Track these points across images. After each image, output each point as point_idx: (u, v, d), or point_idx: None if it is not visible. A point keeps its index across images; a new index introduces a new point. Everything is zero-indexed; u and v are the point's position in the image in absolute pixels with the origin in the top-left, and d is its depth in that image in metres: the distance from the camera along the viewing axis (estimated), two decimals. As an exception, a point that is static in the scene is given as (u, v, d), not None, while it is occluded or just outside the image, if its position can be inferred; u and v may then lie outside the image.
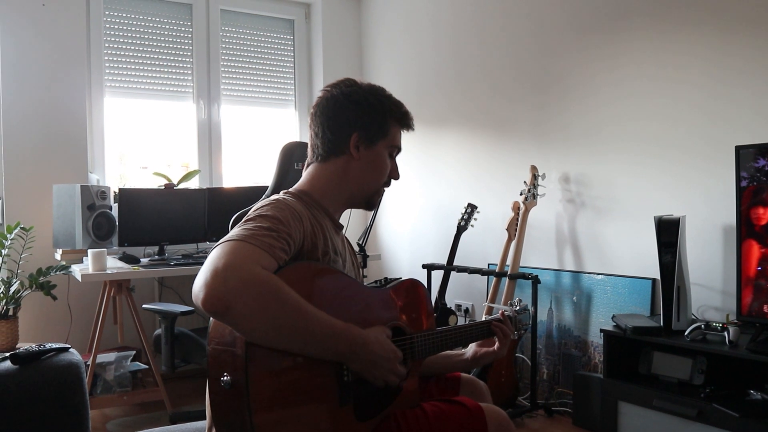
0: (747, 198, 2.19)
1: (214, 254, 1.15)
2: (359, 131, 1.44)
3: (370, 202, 1.54)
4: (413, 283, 1.58)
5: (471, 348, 1.71)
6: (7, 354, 2.22)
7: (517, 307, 1.83)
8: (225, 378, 1.19)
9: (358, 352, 1.25)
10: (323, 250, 1.37)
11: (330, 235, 1.44)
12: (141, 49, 3.90)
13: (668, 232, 2.37)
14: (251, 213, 1.29)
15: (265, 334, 1.15)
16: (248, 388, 1.15)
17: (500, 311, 1.75)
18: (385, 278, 1.57)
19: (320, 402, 1.25)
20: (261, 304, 1.11)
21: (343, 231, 1.57)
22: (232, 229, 1.27)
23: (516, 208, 3.17)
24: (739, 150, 2.22)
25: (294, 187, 1.49)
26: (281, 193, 1.44)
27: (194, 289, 1.13)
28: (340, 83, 1.49)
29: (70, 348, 2.38)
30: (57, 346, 2.33)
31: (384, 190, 1.56)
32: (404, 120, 1.53)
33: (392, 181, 1.56)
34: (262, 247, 1.18)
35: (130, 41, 3.87)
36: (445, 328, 1.59)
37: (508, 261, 3.12)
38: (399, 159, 1.55)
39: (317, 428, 1.25)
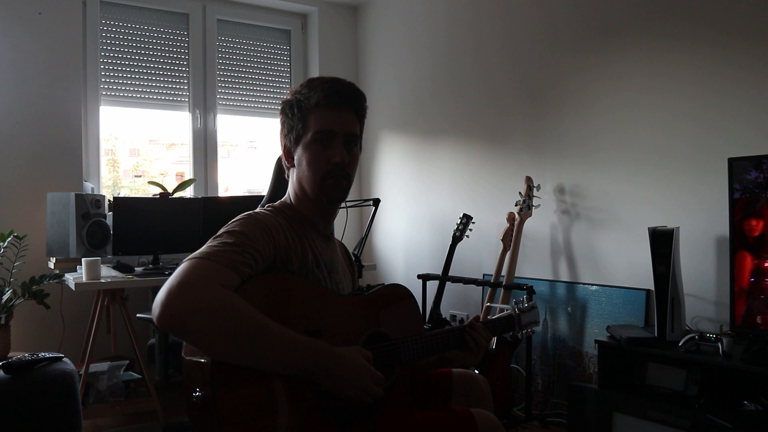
0: (740, 209, 2.21)
1: (176, 273, 1.17)
2: (286, 139, 1.47)
3: (322, 195, 1.43)
4: (396, 288, 1.56)
5: None
6: (0, 363, 2.20)
7: (525, 305, 1.75)
8: (197, 393, 1.20)
9: (324, 368, 1.23)
10: (301, 263, 1.37)
11: (314, 246, 1.43)
12: (137, 58, 3.91)
13: (662, 243, 2.38)
14: (220, 230, 1.31)
15: (224, 351, 1.15)
16: (216, 403, 1.14)
17: (472, 317, 1.67)
18: (368, 285, 1.56)
19: (297, 412, 1.23)
20: (215, 322, 1.12)
21: (335, 239, 1.57)
22: None
23: (511, 218, 3.18)
24: (732, 162, 2.24)
25: (280, 200, 1.51)
26: (266, 206, 1.46)
27: (153, 305, 1.14)
28: None
29: (63, 357, 2.36)
30: (50, 355, 2.31)
31: (337, 179, 1.42)
32: (323, 99, 1.40)
33: (336, 164, 1.41)
34: (223, 263, 1.19)
35: (126, 50, 3.87)
36: (429, 333, 1.55)
37: (503, 271, 3.12)
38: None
39: None
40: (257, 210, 1.41)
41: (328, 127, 1.41)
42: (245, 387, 1.18)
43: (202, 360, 1.19)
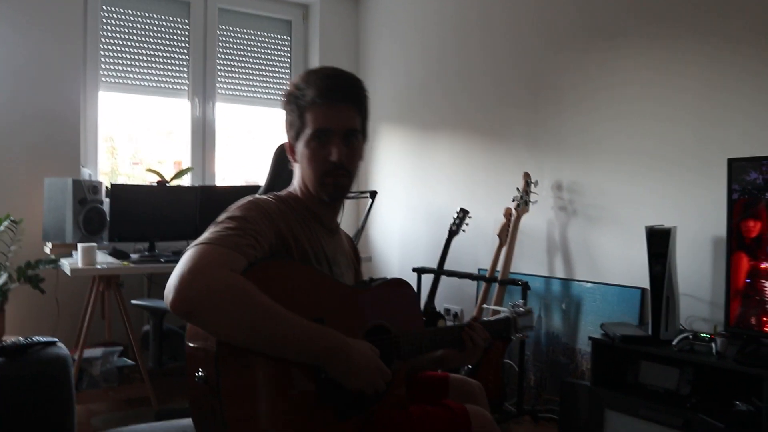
0: (738, 211, 2.21)
1: (184, 258, 1.18)
2: (288, 134, 1.47)
3: (323, 193, 1.42)
4: (399, 282, 1.57)
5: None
6: (-6, 346, 2.20)
7: (521, 309, 1.77)
8: (199, 373, 1.21)
9: (336, 357, 1.23)
10: (301, 253, 1.37)
11: (316, 238, 1.43)
12: (138, 44, 3.89)
13: (659, 242, 2.38)
14: (220, 216, 1.31)
15: (234, 336, 1.16)
16: (219, 383, 1.16)
17: (472, 317, 1.68)
18: (371, 278, 1.56)
19: (296, 399, 1.24)
20: (226, 308, 1.13)
21: (341, 231, 1.57)
22: None
23: (508, 214, 3.18)
24: (732, 163, 2.24)
25: (285, 189, 1.51)
26: (269, 194, 1.46)
27: (165, 291, 1.16)
28: None
29: (57, 342, 2.36)
30: (44, 339, 2.31)
31: (336, 177, 1.40)
32: (318, 97, 1.36)
33: (333, 163, 1.38)
34: (229, 247, 1.20)
35: (127, 37, 3.85)
36: (428, 329, 1.57)
37: (499, 267, 3.13)
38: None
39: (293, 426, 1.24)
40: (257, 195, 1.41)
41: (325, 126, 1.38)
42: (248, 370, 1.19)
43: (207, 340, 1.20)
